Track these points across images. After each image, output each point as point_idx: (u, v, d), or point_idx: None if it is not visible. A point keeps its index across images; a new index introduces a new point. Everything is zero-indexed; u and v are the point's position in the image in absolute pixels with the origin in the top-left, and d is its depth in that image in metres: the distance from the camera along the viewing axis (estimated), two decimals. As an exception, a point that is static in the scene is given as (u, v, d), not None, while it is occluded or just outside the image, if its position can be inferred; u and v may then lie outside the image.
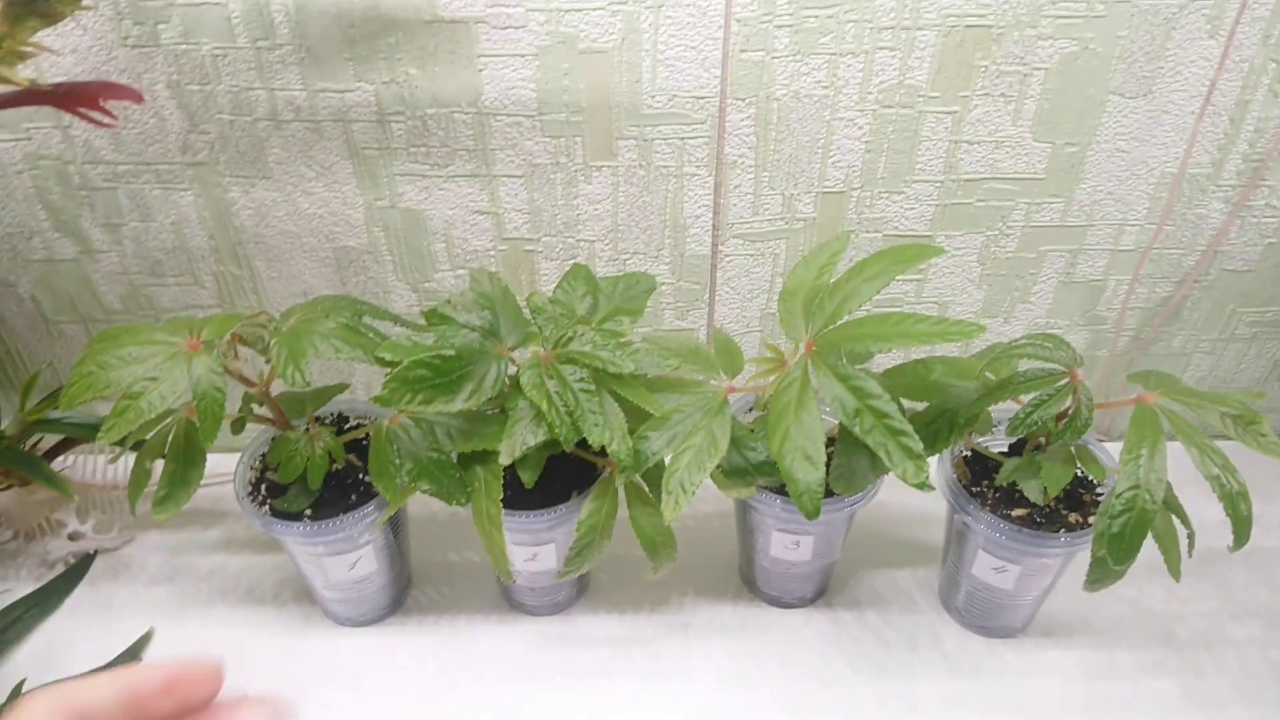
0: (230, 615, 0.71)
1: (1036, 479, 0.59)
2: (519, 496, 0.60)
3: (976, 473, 0.65)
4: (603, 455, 0.58)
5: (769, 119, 0.67)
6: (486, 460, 0.58)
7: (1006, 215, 0.74)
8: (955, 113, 0.68)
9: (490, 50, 0.64)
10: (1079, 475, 0.63)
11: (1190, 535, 0.57)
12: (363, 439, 0.66)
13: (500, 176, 0.70)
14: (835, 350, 0.52)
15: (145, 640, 0.69)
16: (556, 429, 0.54)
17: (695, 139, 0.68)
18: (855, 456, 0.58)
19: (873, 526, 0.77)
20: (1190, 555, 0.57)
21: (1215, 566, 0.73)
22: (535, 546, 0.63)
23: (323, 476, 0.61)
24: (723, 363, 0.61)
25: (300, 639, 0.69)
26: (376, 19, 0.62)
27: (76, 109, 0.50)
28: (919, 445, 0.50)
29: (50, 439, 0.74)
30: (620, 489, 0.59)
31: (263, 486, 0.64)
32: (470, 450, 0.58)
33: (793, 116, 0.67)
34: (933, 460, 0.57)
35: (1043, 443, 0.60)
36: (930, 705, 0.65)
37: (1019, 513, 0.61)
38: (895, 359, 0.68)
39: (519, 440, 0.55)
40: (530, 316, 0.58)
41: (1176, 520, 0.57)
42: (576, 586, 0.71)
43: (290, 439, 0.60)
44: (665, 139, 0.68)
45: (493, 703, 0.65)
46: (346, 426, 0.68)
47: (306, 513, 0.62)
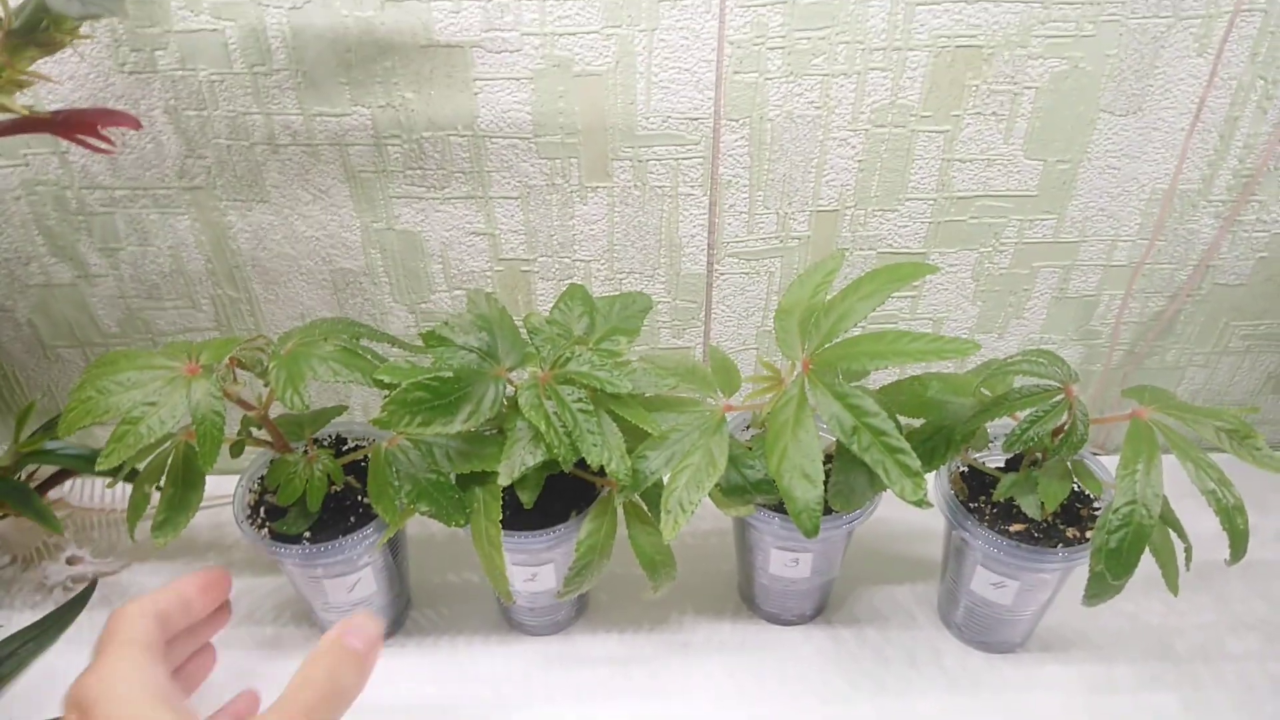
0: (230, 638, 0.70)
1: (1034, 494, 0.59)
2: (518, 517, 0.60)
3: (973, 488, 0.65)
4: (601, 475, 0.58)
5: (763, 139, 0.68)
6: (485, 481, 0.58)
7: (999, 232, 0.74)
8: (947, 131, 0.68)
9: (486, 74, 0.64)
10: (1075, 490, 0.63)
11: (1187, 549, 0.57)
12: (361, 461, 0.66)
13: (496, 198, 0.70)
14: (832, 368, 0.53)
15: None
16: (555, 449, 0.54)
17: (690, 159, 0.69)
18: (853, 474, 0.58)
19: (871, 543, 0.77)
20: (1187, 569, 0.57)
21: (1212, 579, 0.73)
22: (534, 567, 0.63)
23: (322, 499, 0.61)
24: (720, 381, 0.61)
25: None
26: (372, 44, 0.63)
27: (75, 136, 0.50)
28: (917, 463, 0.50)
29: (48, 467, 0.74)
30: (619, 508, 0.59)
31: (262, 509, 0.64)
32: (469, 471, 0.58)
33: (786, 136, 0.68)
34: (930, 476, 0.57)
35: (1039, 458, 0.61)
36: (931, 722, 0.65)
37: (1016, 528, 0.62)
38: (891, 376, 0.69)
39: (518, 461, 0.55)
40: (528, 337, 0.59)
41: (1173, 534, 0.57)
42: (576, 606, 0.71)
43: (289, 461, 0.60)
44: (660, 160, 0.69)
45: (493, 724, 0.65)
46: (345, 448, 0.68)
47: (305, 535, 0.62)
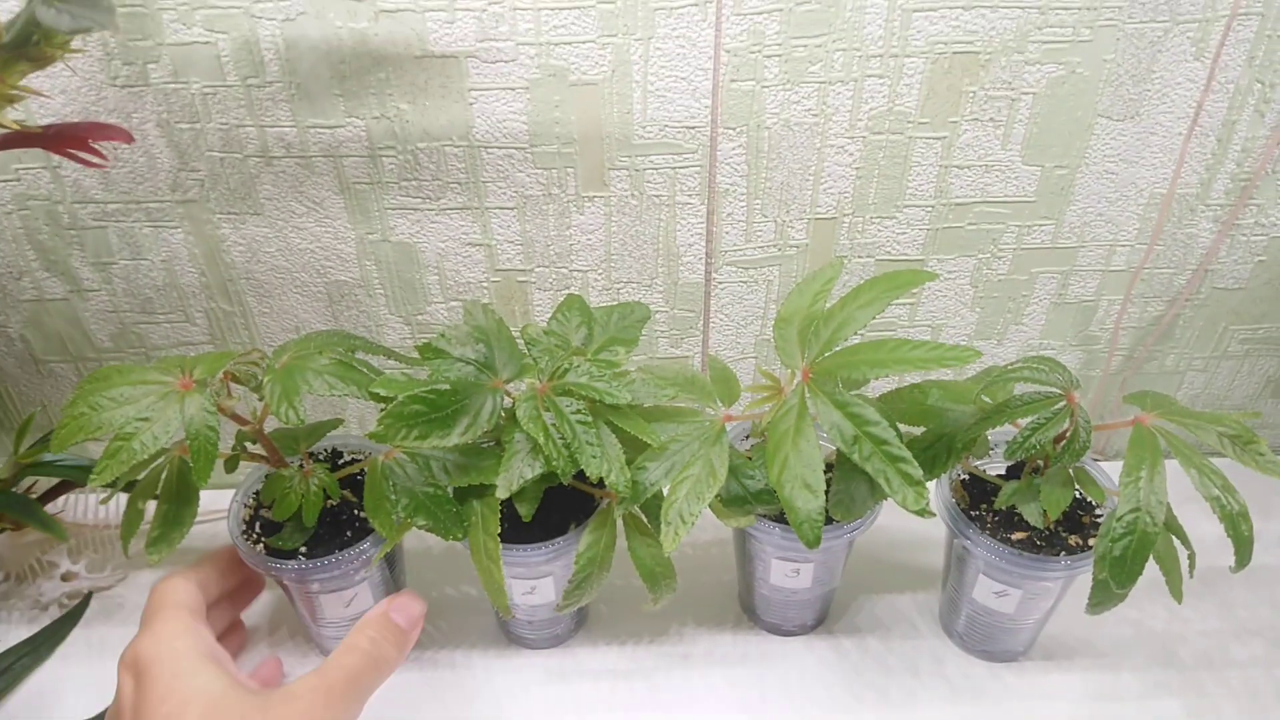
0: (225, 655, 0.70)
1: (1036, 502, 0.59)
2: (516, 530, 0.60)
3: (975, 496, 0.65)
4: (600, 487, 0.58)
5: (760, 147, 0.68)
6: (483, 494, 0.58)
7: (998, 238, 0.74)
8: (945, 138, 0.68)
9: (481, 84, 0.64)
10: (1078, 497, 0.63)
11: (1191, 555, 0.57)
12: (358, 475, 0.65)
13: (492, 208, 0.70)
14: (832, 377, 0.52)
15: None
16: (554, 461, 0.53)
17: (687, 168, 0.68)
18: (854, 483, 0.57)
19: (872, 552, 0.76)
20: (1191, 575, 0.57)
21: (1216, 585, 0.73)
22: (533, 580, 0.63)
23: (318, 514, 0.60)
24: (719, 391, 0.61)
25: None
26: (366, 55, 0.62)
27: (66, 150, 0.50)
28: (919, 472, 0.49)
29: (47, 481, 0.73)
30: (618, 520, 0.59)
31: (257, 524, 0.64)
32: (467, 484, 0.57)
33: (784, 144, 0.68)
34: (931, 485, 0.56)
35: (1041, 466, 0.60)
36: (934, 732, 0.64)
37: (1019, 536, 0.61)
38: (890, 384, 0.68)
39: (516, 473, 0.55)
40: (525, 348, 0.58)
41: (1176, 540, 0.57)
42: (575, 619, 0.71)
43: (284, 476, 0.60)
44: (657, 169, 0.68)
45: (493, 739, 0.64)
46: (341, 462, 0.68)
47: (301, 550, 0.62)
